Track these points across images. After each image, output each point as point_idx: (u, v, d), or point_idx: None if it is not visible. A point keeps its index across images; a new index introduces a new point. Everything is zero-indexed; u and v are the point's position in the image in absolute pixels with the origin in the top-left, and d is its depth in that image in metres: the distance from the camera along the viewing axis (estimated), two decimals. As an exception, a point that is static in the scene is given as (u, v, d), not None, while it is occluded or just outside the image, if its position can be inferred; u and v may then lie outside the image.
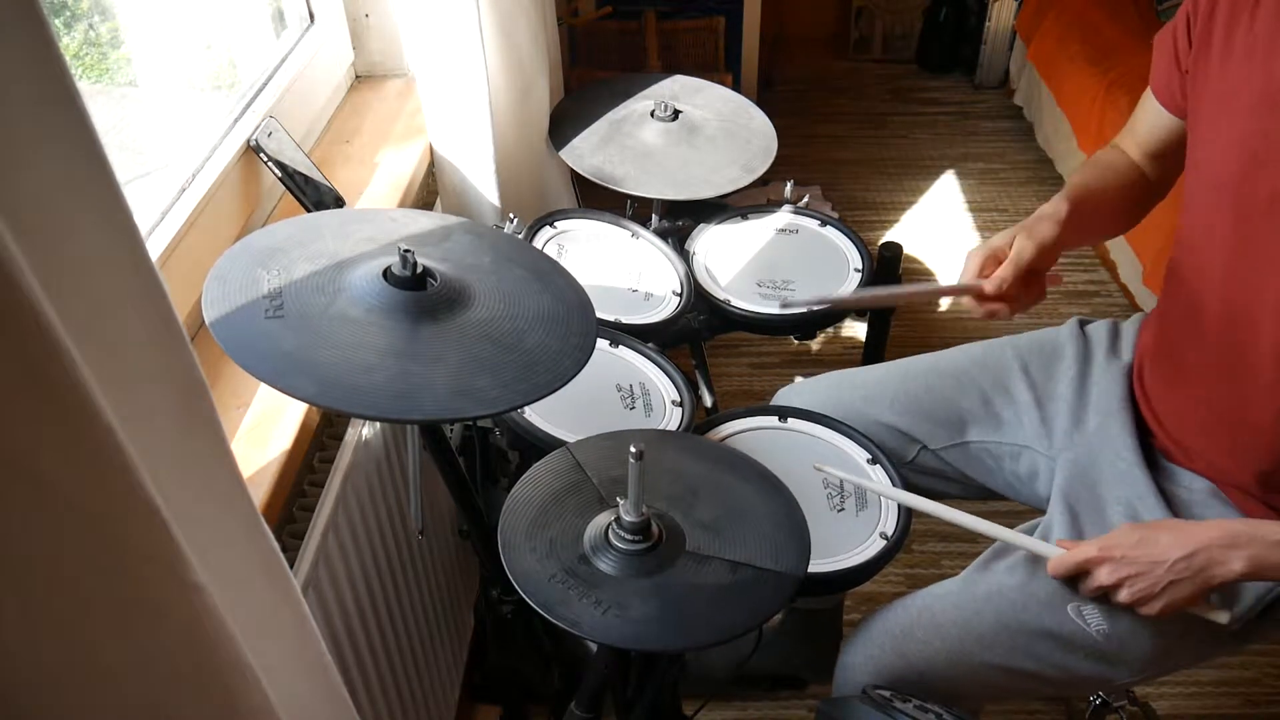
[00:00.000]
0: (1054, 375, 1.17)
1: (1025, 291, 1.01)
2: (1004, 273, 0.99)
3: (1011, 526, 1.11)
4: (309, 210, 1.13)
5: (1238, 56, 0.91)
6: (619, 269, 1.37)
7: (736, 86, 2.88)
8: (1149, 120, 1.09)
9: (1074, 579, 0.97)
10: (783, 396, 1.30)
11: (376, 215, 0.91)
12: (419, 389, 0.73)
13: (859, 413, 1.20)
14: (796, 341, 2.33)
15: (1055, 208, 1.02)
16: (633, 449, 0.75)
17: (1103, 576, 0.93)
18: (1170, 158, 1.08)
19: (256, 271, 0.77)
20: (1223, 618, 0.93)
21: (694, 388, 1.19)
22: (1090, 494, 1.07)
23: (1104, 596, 0.96)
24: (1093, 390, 1.14)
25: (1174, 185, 1.11)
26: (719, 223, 1.50)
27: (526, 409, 1.09)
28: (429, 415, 0.73)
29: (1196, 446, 1.03)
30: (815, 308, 1.05)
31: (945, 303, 2.48)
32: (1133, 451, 1.06)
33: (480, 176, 1.39)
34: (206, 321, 0.72)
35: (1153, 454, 1.08)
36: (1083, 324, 1.21)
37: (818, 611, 1.45)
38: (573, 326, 0.84)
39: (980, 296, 1.01)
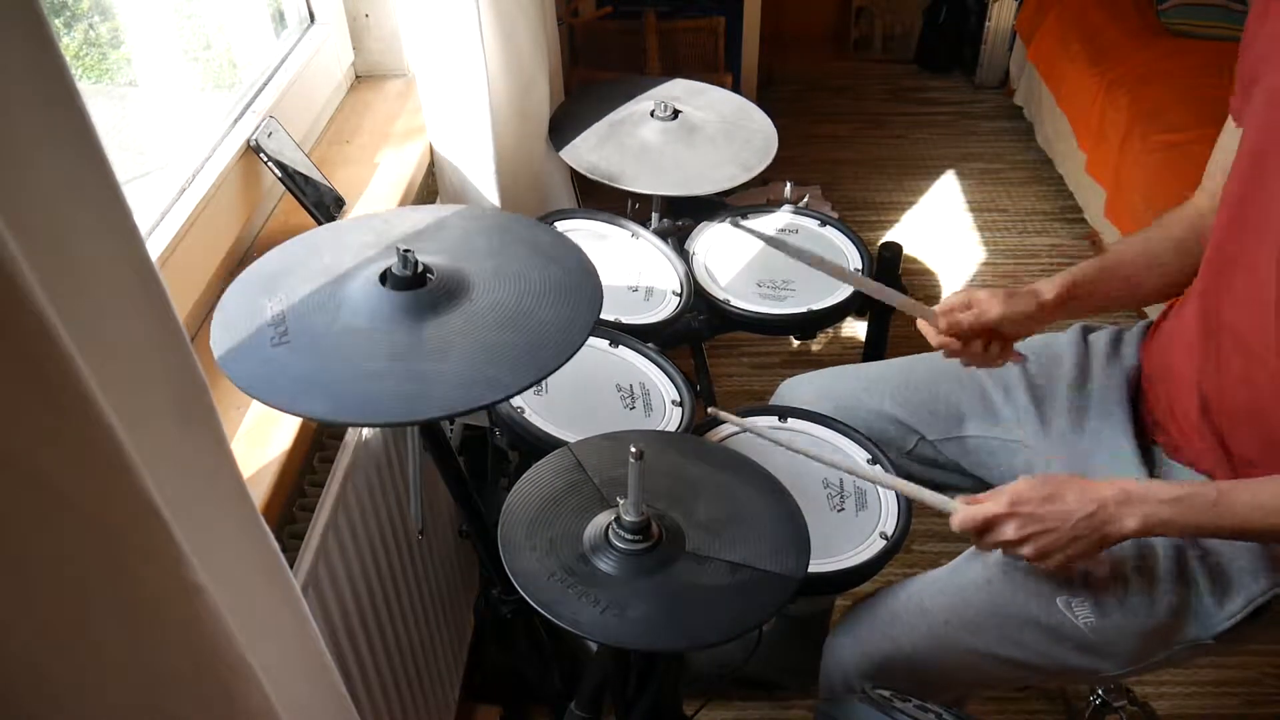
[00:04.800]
0: (1054, 377, 1.18)
1: (986, 347, 1.06)
2: (963, 318, 1.04)
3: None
4: (309, 210, 1.13)
5: (1272, 28, 0.91)
6: (619, 269, 1.37)
7: (736, 86, 2.88)
8: (1222, 151, 1.06)
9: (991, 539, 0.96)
10: (785, 387, 1.30)
11: (370, 220, 0.91)
12: (432, 386, 0.72)
13: (859, 402, 1.21)
14: (796, 341, 2.34)
15: (1050, 287, 1.06)
16: (633, 449, 0.75)
17: (1009, 532, 0.92)
18: None
19: (259, 301, 0.78)
20: (1102, 570, 0.97)
21: (694, 388, 1.19)
22: None
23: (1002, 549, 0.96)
24: (1093, 394, 1.14)
25: None
26: (719, 222, 1.50)
27: (526, 409, 1.09)
28: (442, 411, 0.73)
29: (1219, 431, 1.02)
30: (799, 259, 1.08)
31: (945, 303, 2.47)
32: (1132, 450, 1.07)
33: (480, 176, 1.39)
34: (215, 357, 0.73)
35: (1153, 451, 1.08)
36: (1086, 332, 1.21)
37: (805, 618, 1.46)
38: (577, 291, 0.83)
39: (939, 326, 1.06)
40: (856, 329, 2.32)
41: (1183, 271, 1.08)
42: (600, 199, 1.59)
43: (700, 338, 1.54)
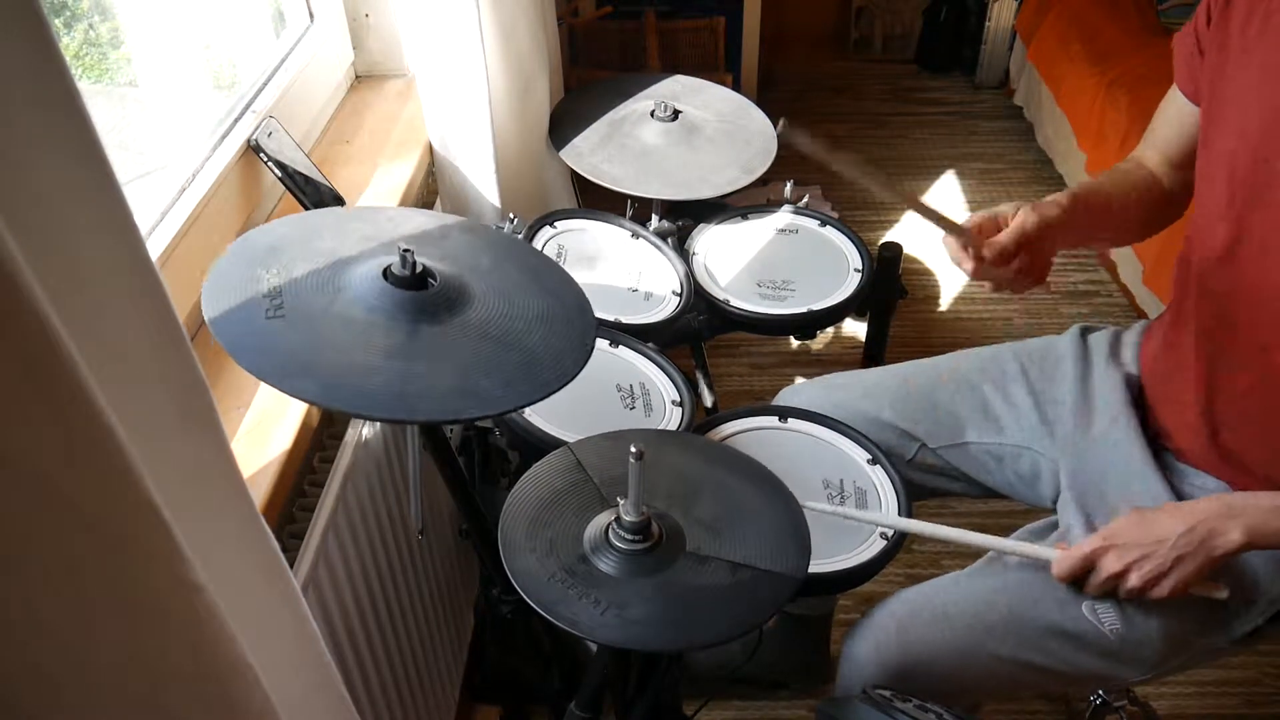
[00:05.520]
0: (1054, 380, 1.17)
1: (1024, 269, 0.98)
2: (1005, 239, 0.97)
3: (1016, 526, 1.11)
4: (309, 210, 1.13)
5: (1257, 37, 0.91)
6: (619, 269, 1.37)
7: (736, 86, 2.88)
8: (1170, 120, 1.08)
9: (1080, 580, 0.97)
10: (783, 397, 1.30)
11: (375, 214, 0.91)
12: (421, 390, 0.72)
13: (859, 411, 1.20)
14: (796, 341, 2.34)
15: (1059, 196, 1.01)
16: (633, 449, 0.75)
17: (1110, 565, 0.92)
18: (1190, 165, 1.06)
19: (256, 270, 0.77)
20: (1222, 593, 0.94)
21: (694, 388, 1.19)
22: (1103, 499, 1.06)
23: (1114, 590, 0.95)
24: (1096, 395, 1.14)
25: (1190, 198, 1.09)
26: (719, 223, 1.50)
27: (526, 409, 1.09)
28: (431, 416, 0.73)
29: (1220, 441, 1.02)
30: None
31: (945, 303, 2.48)
32: (1143, 454, 1.06)
33: (480, 176, 1.39)
34: (206, 320, 0.72)
35: (1163, 455, 1.08)
36: (1084, 332, 1.21)
37: (807, 618, 1.45)
38: (572, 326, 0.84)
39: (979, 256, 0.98)
40: (857, 329, 2.32)
41: (1142, 218, 1.11)
42: (600, 199, 1.59)
43: (700, 338, 1.54)
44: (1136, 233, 1.15)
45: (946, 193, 2.90)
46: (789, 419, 1.17)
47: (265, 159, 1.10)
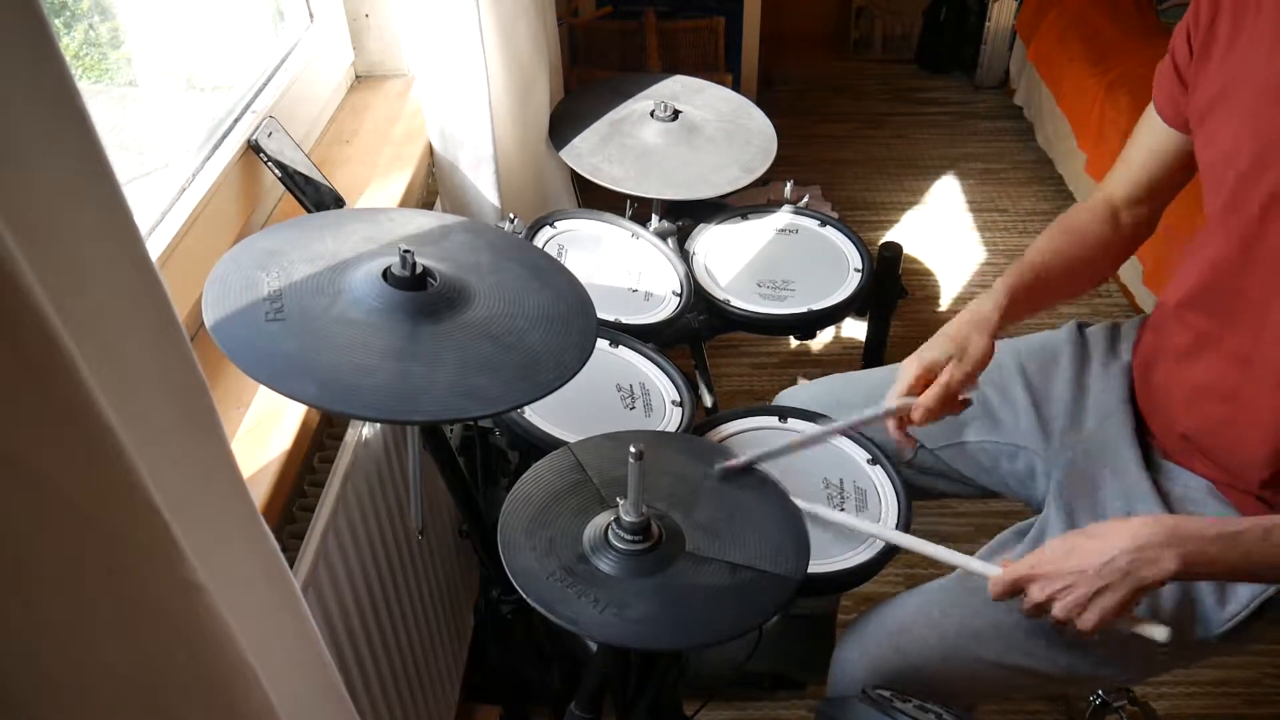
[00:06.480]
0: (1051, 377, 1.17)
1: (941, 407, 1.00)
2: (929, 401, 0.98)
3: (1008, 525, 1.11)
4: (309, 210, 1.13)
5: (1243, 53, 0.91)
6: (619, 269, 1.37)
7: (736, 86, 2.88)
8: (1145, 146, 1.07)
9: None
10: (784, 398, 1.30)
11: (375, 215, 0.91)
12: (420, 390, 0.72)
13: (858, 412, 1.20)
14: (796, 341, 2.34)
15: (992, 309, 1.02)
16: (632, 450, 0.75)
17: (1035, 594, 0.88)
18: (1156, 197, 1.08)
19: (256, 274, 0.77)
20: (1160, 634, 0.86)
21: (694, 388, 1.19)
22: (1088, 494, 1.07)
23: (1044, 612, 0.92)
24: (1090, 392, 1.14)
25: (1150, 232, 1.12)
26: (719, 223, 1.50)
27: (526, 409, 1.09)
28: (430, 416, 0.73)
29: (1198, 445, 1.03)
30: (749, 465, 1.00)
31: (945, 303, 2.48)
32: (1131, 451, 1.06)
33: (480, 176, 1.39)
34: (207, 325, 0.72)
35: (1151, 453, 1.08)
36: (1081, 327, 1.21)
37: (810, 616, 1.45)
38: (573, 324, 0.84)
39: (904, 421, 1.01)
40: (857, 329, 2.32)
41: (1095, 275, 1.13)
42: (600, 199, 1.59)
43: (700, 338, 1.54)
44: (1085, 289, 1.17)
45: (946, 193, 2.90)
46: (789, 419, 1.17)
47: (265, 159, 1.10)
